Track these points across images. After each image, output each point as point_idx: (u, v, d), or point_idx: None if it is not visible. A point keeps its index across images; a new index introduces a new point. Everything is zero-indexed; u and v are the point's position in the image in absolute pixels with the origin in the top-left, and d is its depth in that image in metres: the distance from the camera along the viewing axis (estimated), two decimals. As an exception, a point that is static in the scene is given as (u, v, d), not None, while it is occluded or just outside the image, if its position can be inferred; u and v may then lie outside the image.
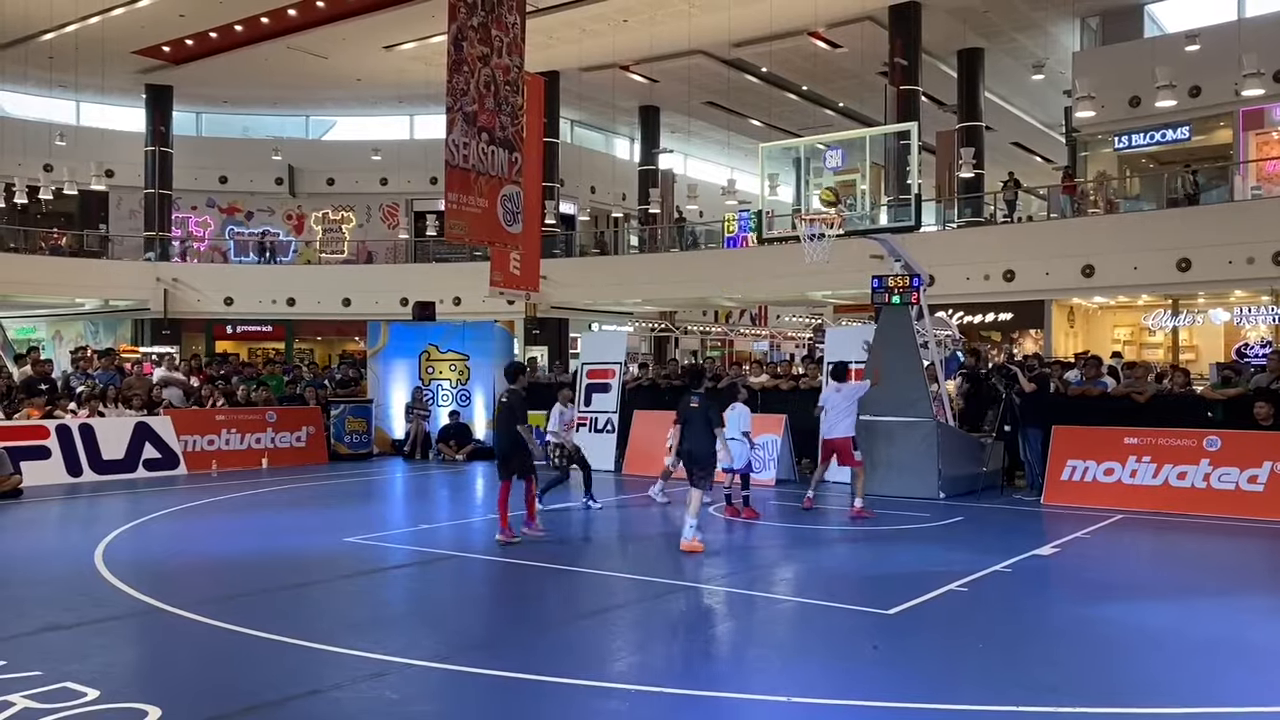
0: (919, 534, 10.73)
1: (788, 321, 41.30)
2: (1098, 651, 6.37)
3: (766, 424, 15.19)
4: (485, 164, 17.20)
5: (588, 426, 17.18)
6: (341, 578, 8.82)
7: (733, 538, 11.04)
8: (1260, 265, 21.17)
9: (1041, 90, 32.24)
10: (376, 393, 19.60)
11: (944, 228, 27.98)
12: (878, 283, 14.18)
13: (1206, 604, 7.65)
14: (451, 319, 24.20)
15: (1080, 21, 28.62)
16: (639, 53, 30.28)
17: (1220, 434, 12.17)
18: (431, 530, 11.17)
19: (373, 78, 33.37)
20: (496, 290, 23.57)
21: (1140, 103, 25.68)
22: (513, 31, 17.89)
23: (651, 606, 7.57)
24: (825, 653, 6.46)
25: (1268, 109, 25.26)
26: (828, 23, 27.92)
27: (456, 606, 7.92)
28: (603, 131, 41.52)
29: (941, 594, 7.71)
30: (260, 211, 38.79)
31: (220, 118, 38.90)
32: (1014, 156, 38.26)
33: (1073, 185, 26.94)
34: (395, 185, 37.77)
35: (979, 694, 5.49)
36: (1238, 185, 24.59)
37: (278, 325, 35.07)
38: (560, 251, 33.31)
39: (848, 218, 13.85)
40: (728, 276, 29.96)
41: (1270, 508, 11.41)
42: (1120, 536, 10.62)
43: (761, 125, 37.21)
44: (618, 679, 5.79)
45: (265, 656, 6.20)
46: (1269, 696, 5.51)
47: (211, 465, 16.45)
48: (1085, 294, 25.47)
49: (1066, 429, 13.08)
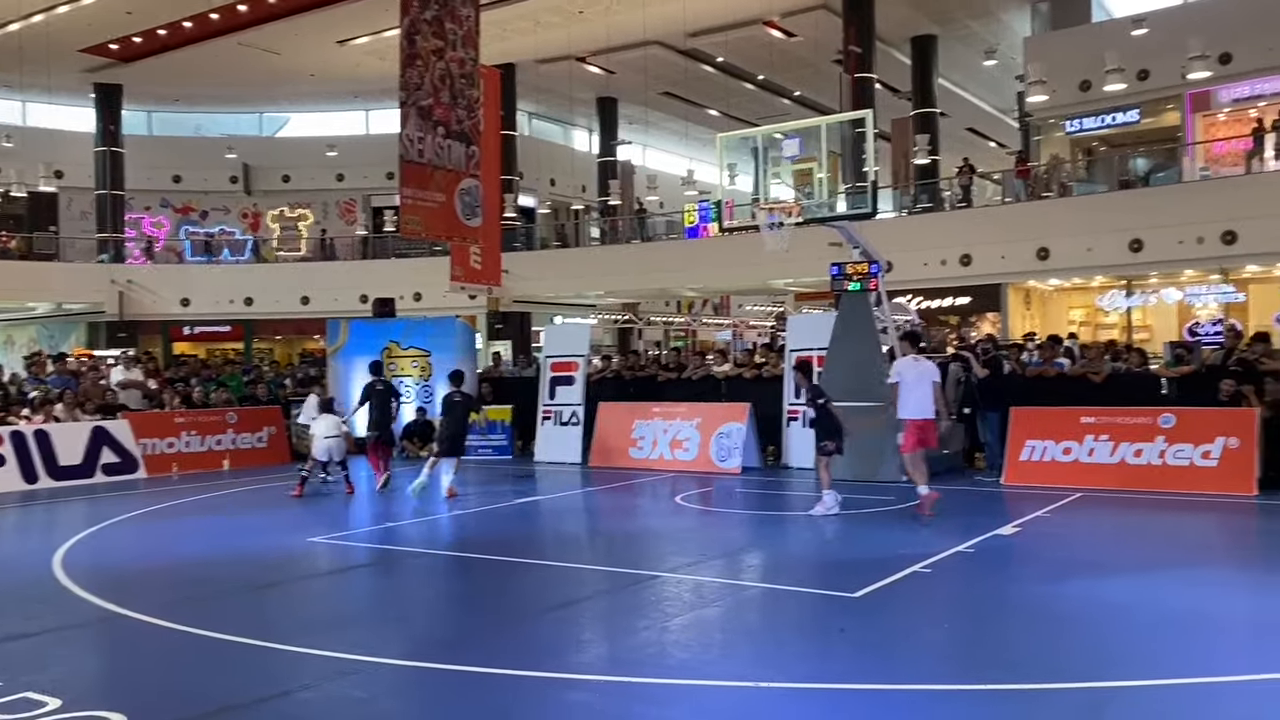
0: (882, 517, 10.83)
1: (750, 310, 41.46)
2: (1059, 628, 6.48)
3: (731, 412, 15.28)
4: (442, 158, 17.09)
5: (552, 420, 17.18)
6: (306, 578, 8.76)
7: (698, 526, 11.08)
8: (1210, 245, 21.55)
9: (994, 76, 32.57)
10: (338, 391, 19.42)
11: (901, 214, 28.21)
12: (837, 270, 14.30)
13: (1164, 579, 7.79)
14: (412, 315, 24.03)
15: (1031, 7, 28.93)
16: (595, 44, 30.21)
17: (1174, 411, 12.39)
18: (396, 528, 11.11)
19: (326, 73, 33.01)
20: (457, 285, 23.44)
21: (1090, 87, 26.01)
22: (467, 24, 17.76)
23: (619, 597, 7.60)
24: (793, 637, 6.52)
25: (1214, 91, 25.69)
26: (782, 11, 28.01)
27: (422, 603, 7.89)
28: (561, 123, 41.38)
29: (906, 575, 7.80)
30: (215, 210, 38.27)
31: (172, 116, 38.30)
32: (968, 142, 38.61)
33: (1026, 169, 27.25)
34: (352, 181, 37.43)
35: (944, 673, 5.56)
36: (1186, 167, 25.00)
37: (236, 325, 34.63)
38: (521, 245, 33.16)
39: (806, 206, 13.93)
40: (689, 267, 30.01)
41: (1223, 482, 11.64)
42: (1079, 515, 10.78)
43: (719, 115, 37.26)
44: (586, 670, 5.81)
45: (230, 659, 6.15)
46: (1225, 667, 5.63)
47: (172, 468, 16.25)
48: (1041, 276, 25.79)
49: (1025, 410, 13.26)
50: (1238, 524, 10.55)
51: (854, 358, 13.61)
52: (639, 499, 13.21)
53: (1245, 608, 7.00)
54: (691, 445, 15.30)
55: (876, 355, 13.67)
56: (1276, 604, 7.14)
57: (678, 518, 11.49)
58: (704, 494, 13.02)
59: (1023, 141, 30.28)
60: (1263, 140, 23.33)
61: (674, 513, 11.81)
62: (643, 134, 40.90)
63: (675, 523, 11.23)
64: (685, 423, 15.50)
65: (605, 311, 37.14)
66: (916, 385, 10.76)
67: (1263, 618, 6.71)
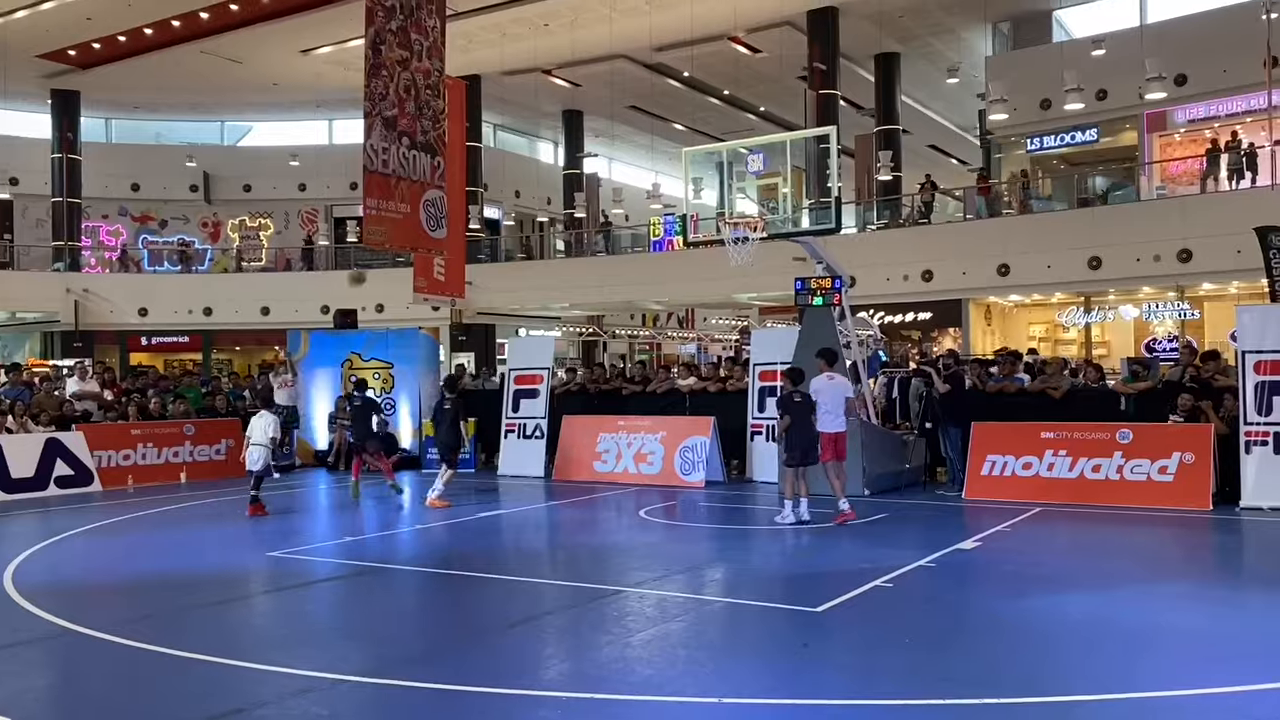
0: (845, 531, 10.87)
1: (715, 324, 41.59)
2: (1020, 642, 6.53)
3: (696, 426, 15.29)
4: (406, 169, 16.99)
5: (516, 433, 17.10)
6: (266, 593, 8.64)
7: (662, 540, 11.07)
8: (1166, 263, 21.94)
9: (956, 94, 32.98)
10: (298, 403, 19.22)
11: (864, 230, 28.45)
12: (801, 284, 14.37)
13: (1122, 592, 7.88)
14: (375, 326, 23.86)
15: (992, 27, 29.35)
16: (561, 57, 30.26)
17: (1132, 427, 12.57)
18: (358, 542, 11.00)
19: (289, 82, 32.78)
20: (421, 296, 23.32)
21: (1050, 105, 26.42)
22: (432, 35, 17.70)
23: (583, 612, 7.56)
24: (756, 652, 6.52)
25: (1170, 111, 26.20)
26: (747, 27, 28.21)
27: (385, 619, 7.80)
28: (526, 135, 41.37)
29: (868, 590, 7.83)
30: (175, 219, 37.85)
31: (131, 123, 37.83)
32: (931, 159, 39.06)
33: (988, 187, 27.61)
34: (314, 191, 37.17)
35: (906, 688, 5.58)
36: (1144, 186, 25.45)
37: (195, 335, 34.23)
38: (485, 256, 33.08)
39: (770, 221, 14.01)
40: (654, 280, 30.08)
41: (1180, 497, 11.81)
42: (1039, 529, 10.89)
43: (684, 129, 37.43)
44: (550, 686, 5.77)
45: (187, 677, 6.04)
46: (1183, 680, 5.70)
47: (128, 481, 15.97)
48: (1001, 292, 26.12)
49: (985, 425, 13.38)
50: (1193, 539, 10.70)
51: (817, 372, 13.64)
52: (603, 513, 13.18)
53: (1200, 622, 7.09)
54: (656, 459, 15.29)
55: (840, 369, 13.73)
56: (1230, 618, 7.24)
57: (642, 532, 11.47)
58: (668, 508, 13.01)
59: (984, 159, 30.69)
60: (1217, 160, 23.81)
61: (638, 527, 11.79)
62: (608, 147, 41.00)
63: (639, 537, 11.21)
64: (650, 436, 15.49)
65: (570, 324, 37.11)
66: (831, 401, 11.50)
67: (1217, 632, 6.80)
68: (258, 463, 12.62)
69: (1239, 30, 22.63)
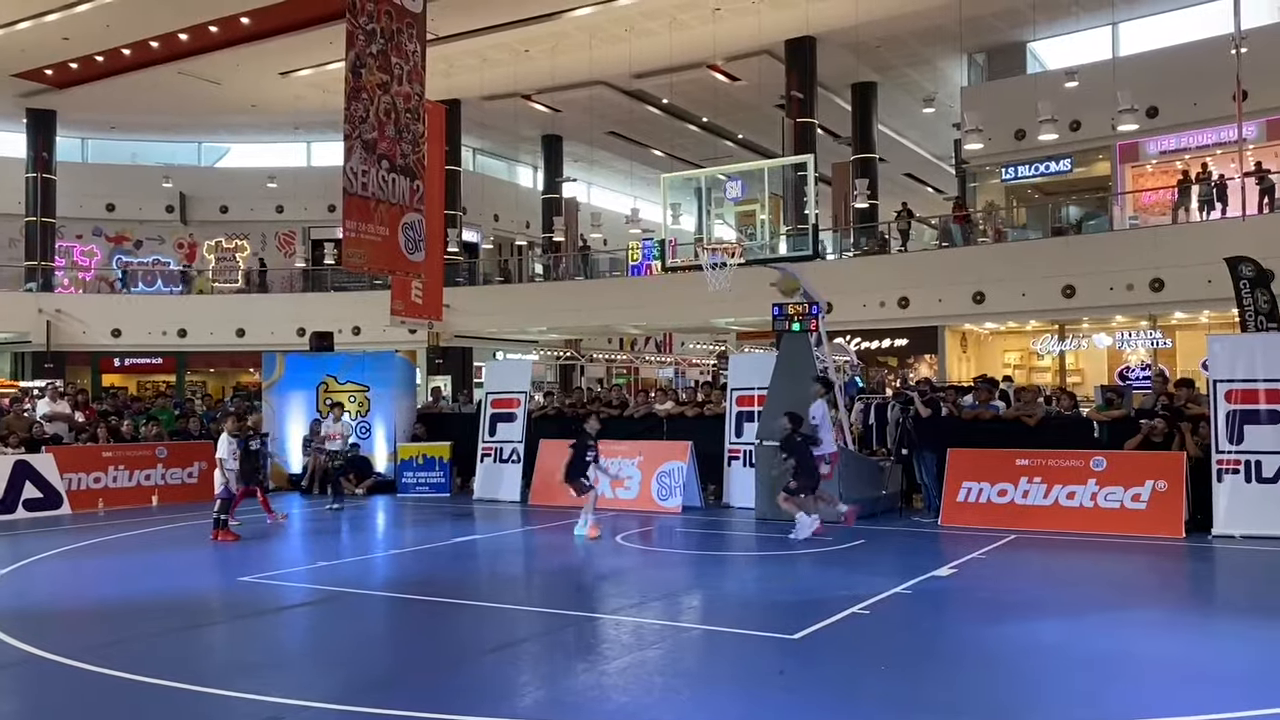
0: (821, 557, 10.86)
1: (692, 349, 41.66)
2: (995, 669, 6.53)
3: (673, 451, 15.27)
4: (385, 192, 16.99)
5: (492, 457, 17.02)
6: (236, 619, 8.53)
7: (639, 566, 11.03)
8: (1139, 292, 22.18)
9: (932, 123, 33.35)
10: (273, 426, 19.06)
11: (841, 257, 28.64)
12: (778, 310, 14.43)
13: (1096, 620, 7.90)
14: (351, 349, 23.74)
15: (968, 57, 29.72)
16: (540, 82, 30.38)
17: (1106, 455, 12.65)
18: (330, 568, 10.88)
19: (268, 104, 32.74)
20: (398, 319, 23.25)
21: (1025, 136, 26.74)
22: (413, 59, 17.76)
23: (557, 639, 7.50)
24: (732, 680, 6.48)
25: (1142, 143, 26.57)
26: (726, 56, 28.45)
27: (355, 646, 7.71)
28: (506, 160, 41.46)
29: (844, 617, 7.82)
30: (150, 240, 37.61)
31: (107, 143, 37.64)
32: (907, 187, 39.42)
33: (963, 215, 27.86)
34: (292, 213, 37.02)
35: (882, 715, 5.57)
36: (1116, 216, 25.77)
37: (168, 357, 33.94)
38: (464, 280, 33.04)
39: (748, 247, 14.09)
40: (632, 304, 30.11)
41: (1152, 524, 11.89)
42: (1014, 556, 10.93)
43: (663, 155, 37.62)
44: (524, 714, 5.71)
45: (154, 704, 5.95)
46: (1154, 707, 5.71)
47: (98, 504, 15.77)
48: (977, 320, 26.31)
49: (961, 451, 13.43)
50: (1166, 566, 10.76)
51: (794, 397, 13.66)
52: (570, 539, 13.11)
53: (1172, 649, 7.12)
54: (633, 484, 15.25)
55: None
56: (1202, 646, 7.28)
57: (618, 557, 11.42)
58: (644, 533, 12.96)
59: (959, 188, 31.01)
60: (1188, 192, 24.14)
61: (614, 552, 11.73)
62: (587, 172, 41.14)
63: (615, 562, 11.16)
64: (627, 461, 15.45)
65: (547, 348, 37.06)
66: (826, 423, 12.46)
67: (1189, 659, 6.83)
68: (221, 487, 12.54)
69: (1209, 64, 23.00)
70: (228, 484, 12.52)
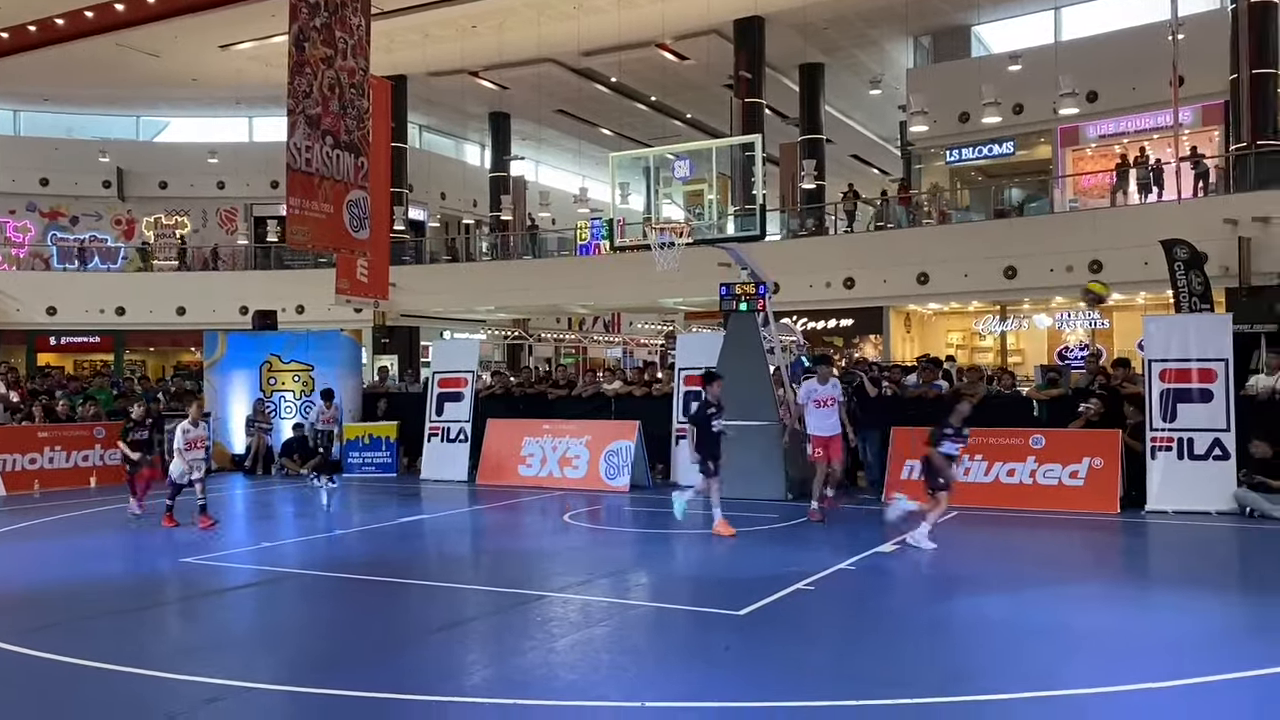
0: (768, 535, 10.98)
1: (641, 329, 41.70)
2: (938, 643, 6.66)
3: (621, 430, 15.30)
4: (330, 168, 16.73)
5: (439, 436, 16.92)
6: (177, 601, 8.42)
7: (587, 545, 11.05)
8: (1078, 273, 22.61)
9: (878, 105, 33.61)
10: (215, 406, 18.77)
11: (788, 236, 28.80)
12: (726, 290, 14.49)
13: (1035, 594, 8.08)
14: (295, 328, 23.42)
15: (913, 40, 29.96)
16: (488, 59, 30.08)
17: (1045, 432, 12.92)
18: (274, 548, 10.77)
19: (209, 78, 32.04)
20: (343, 298, 22.96)
21: (969, 119, 27.08)
22: (357, 34, 17.47)
23: (506, 618, 7.51)
24: (679, 656, 6.54)
25: (1082, 127, 27.03)
26: (675, 35, 28.38)
27: (300, 627, 7.65)
28: (453, 137, 41.04)
29: (790, 593, 7.91)
30: (86, 216, 36.71)
31: (41, 116, 36.62)
32: (853, 169, 39.72)
33: (908, 197, 28.15)
34: (233, 189, 36.36)
35: (828, 690, 5.65)
36: (1057, 198, 26.22)
37: (106, 336, 33.24)
38: (410, 258, 32.72)
39: (696, 227, 14.11)
40: (581, 284, 30.06)
41: (1090, 501, 12.17)
42: (956, 532, 11.10)
43: (612, 134, 37.49)
44: (472, 693, 5.72)
45: (94, 687, 5.85)
46: (1092, 678, 5.86)
47: (34, 486, 15.43)
48: (921, 300, 26.66)
49: (904, 430, 13.60)
50: (1102, 541, 11.03)
51: (741, 377, 13.77)
52: (527, 517, 13.11)
53: (1109, 622, 7.31)
54: (581, 463, 15.27)
55: (764, 374, 13.88)
56: (1137, 618, 7.48)
57: (566, 536, 11.44)
58: (593, 512, 13.00)
59: (905, 170, 31.31)
60: (1126, 175, 24.63)
61: (562, 531, 11.76)
62: (536, 150, 40.88)
63: (563, 541, 11.18)
64: (575, 440, 15.46)
65: (495, 327, 36.88)
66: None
67: (1124, 631, 7.02)
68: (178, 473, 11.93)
69: (1147, 50, 23.44)
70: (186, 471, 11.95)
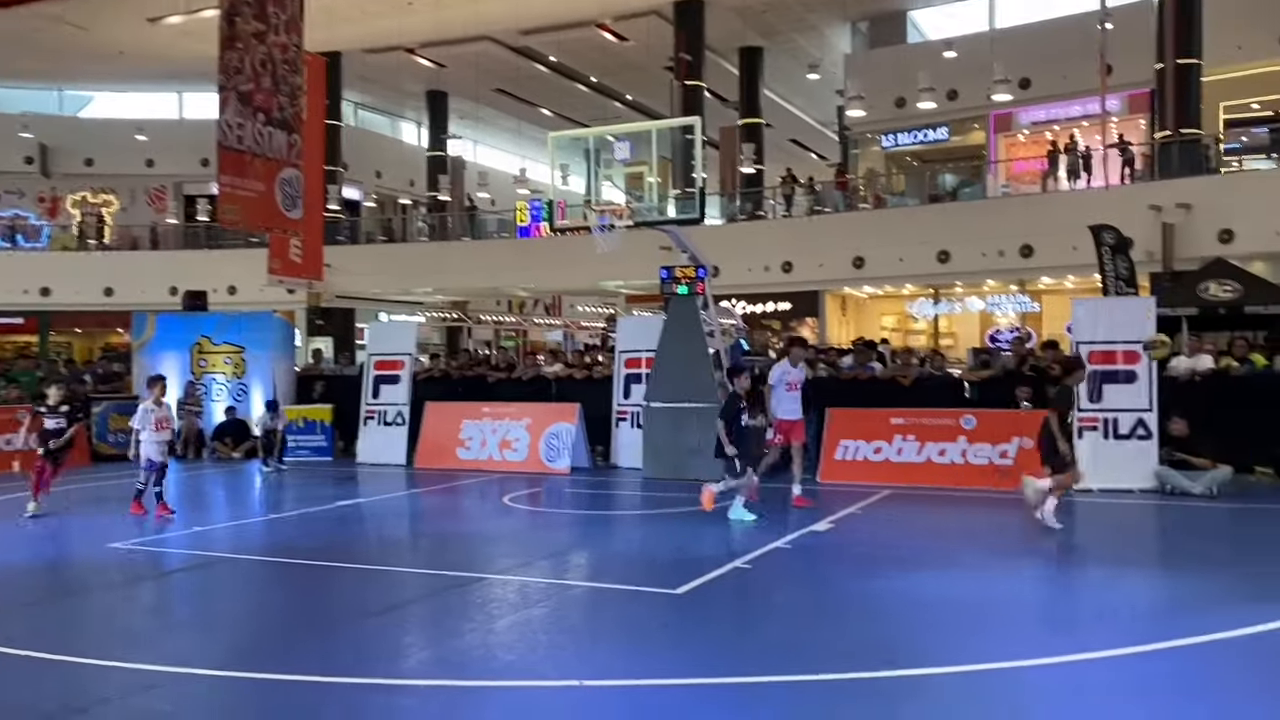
0: (705, 515, 11.06)
1: (582, 312, 41.63)
2: (872, 619, 6.79)
3: (561, 413, 15.30)
4: (262, 145, 16.44)
5: (376, 420, 16.76)
6: (108, 587, 8.25)
7: (526, 527, 11.06)
8: (1009, 258, 23.09)
9: (817, 90, 33.87)
10: (142, 388, 18.36)
11: (727, 220, 28.95)
12: (666, 273, 14.55)
13: (966, 571, 8.28)
14: (227, 309, 22.97)
15: (851, 25, 30.21)
16: (425, 36, 29.71)
17: (975, 413, 13.20)
18: (206, 533, 10.61)
19: (136, 51, 31.18)
20: (276, 279, 22.61)
21: (905, 104, 27.42)
22: (290, 8, 17.15)
23: (444, 600, 7.49)
24: (617, 635, 6.59)
25: (1015, 113, 27.52)
26: (615, 15, 28.30)
27: (236, 611, 7.56)
28: (389, 115, 40.49)
29: (727, 571, 8.01)
30: (8, 194, 35.54)
31: (-43, 89, 35.40)
32: (791, 153, 40.01)
33: (845, 182, 28.44)
34: (163, 167, 35.51)
35: (764, 666, 5.74)
36: (990, 184, 26.69)
37: (30, 317, 32.33)
38: (345, 238, 32.26)
39: (636, 209, 14.13)
40: (521, 266, 29.91)
41: (1019, 479, 12.41)
42: (889, 511, 11.34)
43: (551, 115, 37.29)
44: (410, 675, 5.71)
45: (21, 675, 5.72)
46: (1023, 651, 6.02)
47: (-47, 471, 14.99)
48: (856, 284, 27.00)
49: (839, 411, 13.83)
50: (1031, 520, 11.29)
51: (681, 359, 13.87)
52: (466, 500, 13.07)
53: (1038, 596, 7.52)
54: (521, 446, 15.25)
55: (703, 357, 13.96)
56: (1065, 592, 7.72)
57: (505, 519, 11.43)
58: (532, 494, 13.00)
59: (842, 154, 31.62)
60: (1056, 161, 25.15)
61: (501, 514, 11.74)
62: (474, 130, 40.49)
63: (502, 524, 11.17)
64: (515, 423, 15.43)
65: (434, 309, 36.56)
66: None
67: (1053, 605, 7.23)
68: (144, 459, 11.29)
69: (1078, 39, 23.93)
70: (148, 456, 11.46)
